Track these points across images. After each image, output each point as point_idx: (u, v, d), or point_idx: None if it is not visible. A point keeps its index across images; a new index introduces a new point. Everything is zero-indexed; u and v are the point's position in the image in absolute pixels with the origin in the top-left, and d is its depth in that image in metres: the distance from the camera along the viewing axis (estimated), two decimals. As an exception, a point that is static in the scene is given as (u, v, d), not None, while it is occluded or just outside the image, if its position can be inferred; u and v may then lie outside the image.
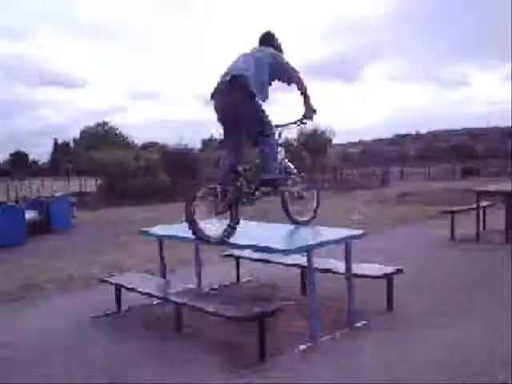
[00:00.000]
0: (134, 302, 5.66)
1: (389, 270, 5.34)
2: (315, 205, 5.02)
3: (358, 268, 5.16)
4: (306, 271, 5.05)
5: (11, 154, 52.32)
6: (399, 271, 5.34)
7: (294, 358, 4.17)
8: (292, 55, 4.97)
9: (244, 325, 4.52)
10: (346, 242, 4.73)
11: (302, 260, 5.16)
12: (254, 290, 6.19)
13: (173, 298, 4.85)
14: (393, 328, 4.74)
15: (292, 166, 5.04)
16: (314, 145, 29.24)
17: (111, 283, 5.71)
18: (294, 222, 5.18)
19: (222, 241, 4.53)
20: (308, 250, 4.37)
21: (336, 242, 4.68)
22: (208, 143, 40.68)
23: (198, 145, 37.70)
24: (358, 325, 4.77)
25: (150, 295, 5.21)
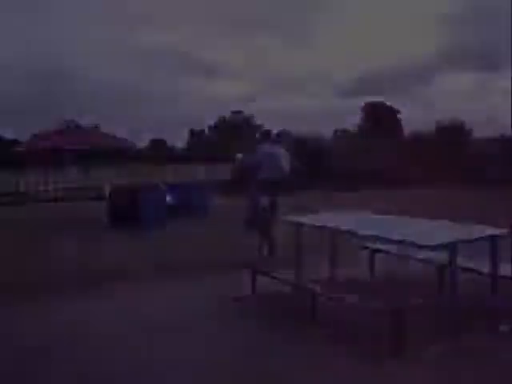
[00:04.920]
0: (270, 286, 5.81)
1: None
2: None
3: (503, 269, 4.89)
4: (445, 269, 4.91)
5: (151, 141, 55.18)
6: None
7: (431, 356, 4.08)
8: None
9: (377, 319, 4.50)
10: (493, 240, 4.53)
11: (441, 257, 5.01)
12: (391, 285, 6.10)
13: (309, 286, 4.94)
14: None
15: None
16: (451, 139, 27.69)
17: (248, 267, 5.94)
18: None
19: None
20: (452, 247, 4.24)
21: (481, 239, 4.50)
22: (340, 134, 40.26)
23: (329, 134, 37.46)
24: (502, 328, 4.55)
25: (286, 282, 5.34)
